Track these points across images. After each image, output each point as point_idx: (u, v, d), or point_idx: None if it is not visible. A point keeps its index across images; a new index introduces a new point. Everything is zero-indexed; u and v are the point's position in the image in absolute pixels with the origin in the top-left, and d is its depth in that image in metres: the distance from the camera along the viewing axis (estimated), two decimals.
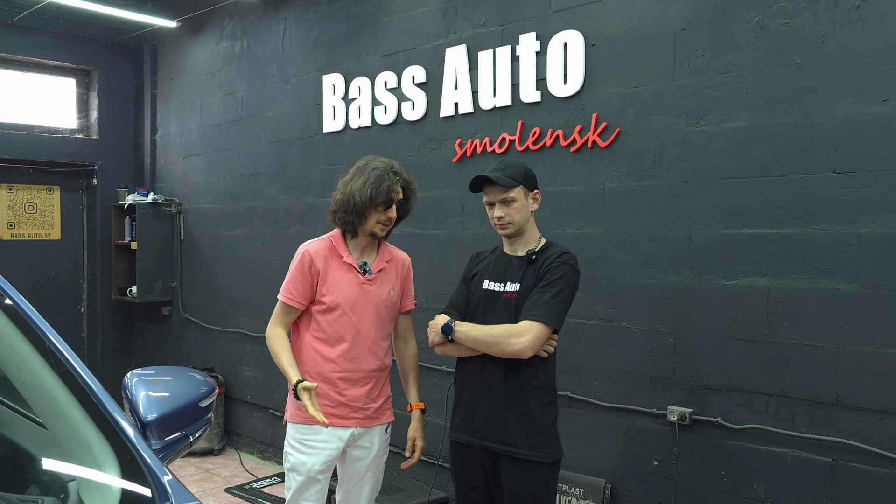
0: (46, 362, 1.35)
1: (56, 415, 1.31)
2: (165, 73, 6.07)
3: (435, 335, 2.51)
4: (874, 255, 2.49)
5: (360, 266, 2.64)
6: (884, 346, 2.47)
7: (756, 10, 2.75)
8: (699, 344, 2.92)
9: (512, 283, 2.46)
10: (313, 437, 2.59)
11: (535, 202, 2.52)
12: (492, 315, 2.46)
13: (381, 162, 2.62)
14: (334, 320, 2.60)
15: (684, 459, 2.97)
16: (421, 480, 4.00)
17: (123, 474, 1.22)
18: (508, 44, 3.52)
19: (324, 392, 2.58)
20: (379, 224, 2.61)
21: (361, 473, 2.71)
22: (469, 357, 2.49)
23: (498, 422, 2.41)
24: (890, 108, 2.45)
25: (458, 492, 2.60)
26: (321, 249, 2.64)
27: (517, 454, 2.38)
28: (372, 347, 2.64)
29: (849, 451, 2.55)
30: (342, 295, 2.60)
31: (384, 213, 2.59)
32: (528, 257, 2.46)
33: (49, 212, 6.21)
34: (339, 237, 2.68)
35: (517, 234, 2.50)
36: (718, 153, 2.85)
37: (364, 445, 2.68)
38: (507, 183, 2.42)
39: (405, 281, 2.81)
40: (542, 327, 2.32)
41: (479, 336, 2.39)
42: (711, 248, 2.88)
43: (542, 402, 2.43)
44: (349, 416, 2.61)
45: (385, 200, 2.56)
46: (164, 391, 1.54)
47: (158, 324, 6.18)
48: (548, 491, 2.43)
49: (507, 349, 2.33)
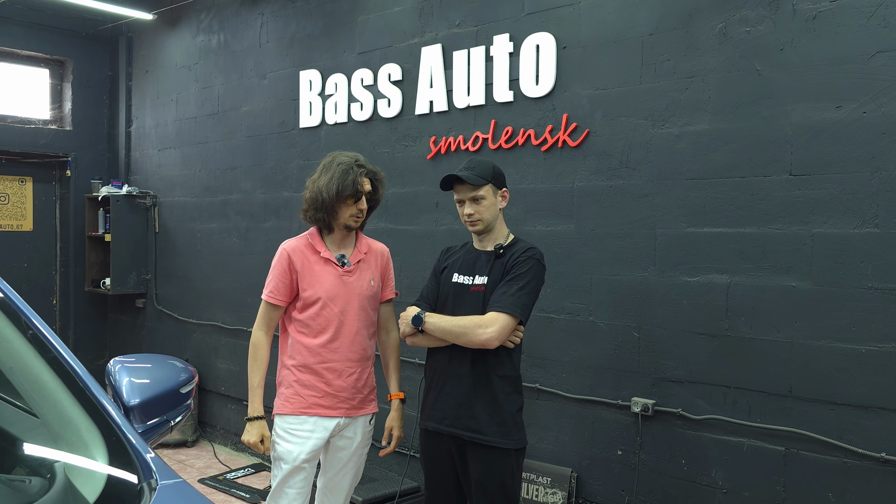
0: (34, 348, 1.40)
1: (44, 399, 1.37)
2: (141, 65, 6.06)
3: (406, 326, 2.59)
4: (826, 255, 2.62)
5: (337, 259, 2.71)
6: (834, 341, 2.60)
7: (720, 18, 2.86)
8: (662, 338, 3.03)
9: (480, 276, 2.56)
10: (300, 427, 2.66)
11: (504, 200, 2.62)
12: (461, 307, 2.55)
13: (346, 156, 2.69)
14: (317, 313, 2.67)
15: (647, 449, 3.09)
16: (393, 471, 4.08)
17: (110, 454, 1.28)
18: (483, 44, 3.60)
19: (311, 383, 2.67)
20: (352, 217, 2.69)
21: (344, 462, 2.78)
22: (438, 347, 2.58)
23: (465, 409, 2.50)
24: (843, 114, 2.58)
25: (428, 479, 2.69)
26: (299, 246, 2.72)
27: (483, 441, 2.48)
28: (356, 338, 2.72)
29: (800, 441, 2.68)
30: (322, 288, 2.67)
31: (354, 205, 2.67)
32: (496, 252, 2.56)
33: (21, 203, 6.18)
34: (316, 234, 2.76)
35: (486, 231, 2.59)
36: (682, 154, 2.96)
37: (348, 436, 2.75)
38: (476, 182, 2.51)
39: (385, 270, 2.88)
40: (508, 318, 2.41)
41: (447, 327, 2.48)
42: (675, 245, 2.99)
43: (508, 391, 2.52)
44: (336, 406, 2.69)
45: (352, 194, 2.63)
46: (146, 378, 1.60)
47: (132, 316, 6.19)
48: (512, 477, 2.52)
49: (475, 339, 2.42)
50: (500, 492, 2.49)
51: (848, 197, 2.57)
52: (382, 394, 2.89)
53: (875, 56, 2.51)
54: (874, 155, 2.51)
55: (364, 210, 2.71)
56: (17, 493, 1.22)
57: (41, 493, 1.21)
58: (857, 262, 2.55)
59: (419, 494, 3.86)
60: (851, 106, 2.56)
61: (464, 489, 2.61)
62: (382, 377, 2.94)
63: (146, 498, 1.21)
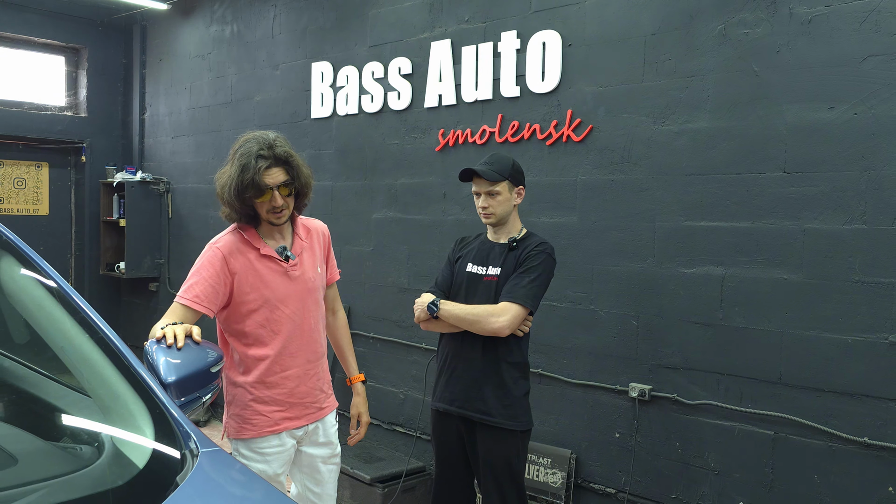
0: (84, 330, 1.55)
1: (93, 375, 1.52)
2: (155, 53, 6.18)
3: (421, 312, 2.70)
4: (817, 249, 2.75)
5: (279, 253, 2.36)
6: (822, 331, 2.74)
7: (719, 20, 2.97)
8: (659, 326, 3.17)
9: (493, 267, 2.69)
10: (266, 445, 2.38)
11: (519, 197, 2.74)
12: (473, 296, 2.69)
13: (251, 144, 2.26)
14: (266, 319, 2.34)
15: (643, 432, 3.23)
16: (400, 450, 4.24)
17: (155, 426, 1.43)
18: (491, 40, 3.72)
19: (272, 398, 2.36)
20: (271, 214, 2.29)
21: (324, 472, 2.55)
22: (451, 333, 2.71)
23: (475, 392, 2.65)
24: (835, 114, 2.69)
25: (437, 457, 2.84)
26: (233, 244, 2.32)
27: (491, 422, 2.62)
28: (312, 335, 2.46)
29: (789, 425, 2.82)
30: (269, 290, 2.33)
31: (268, 202, 2.26)
32: (510, 244, 2.69)
33: (38, 188, 6.33)
34: (249, 227, 2.36)
35: (499, 224, 2.72)
36: (681, 151, 3.08)
37: (319, 440, 2.53)
38: (492, 177, 2.63)
39: (327, 251, 2.62)
40: (519, 309, 2.55)
41: (461, 314, 2.61)
42: (673, 238, 3.12)
43: (516, 377, 2.66)
44: (303, 415, 2.45)
45: (255, 193, 2.22)
46: (179, 358, 1.75)
47: (145, 299, 6.35)
48: (518, 457, 2.67)
49: (487, 327, 2.56)
50: (505, 470, 2.64)
51: (838, 194, 2.69)
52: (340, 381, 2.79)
53: (867, 60, 2.62)
54: (864, 155, 2.63)
55: (280, 205, 2.27)
56: (73, 458, 1.37)
57: (94, 459, 1.35)
58: (845, 256, 2.68)
59: (425, 474, 4.03)
60: (843, 107, 2.67)
61: (472, 468, 2.76)
62: None
63: (189, 464, 1.36)
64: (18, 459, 1.31)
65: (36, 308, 1.64)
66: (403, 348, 4.25)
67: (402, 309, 4.21)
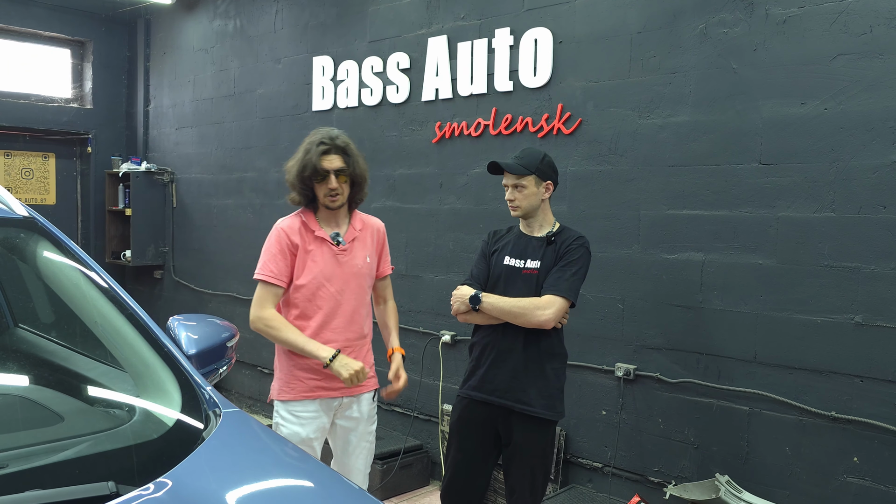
0: (115, 307, 1.73)
1: (124, 346, 1.69)
2: (159, 47, 6.33)
3: (461, 304, 2.71)
4: (790, 236, 2.93)
5: (332, 238, 2.65)
6: (794, 313, 2.92)
7: (701, 19, 3.14)
8: (643, 309, 3.36)
9: (532, 260, 2.71)
10: (302, 409, 2.63)
11: (548, 191, 2.73)
12: (511, 288, 2.69)
13: (316, 135, 2.62)
14: (312, 294, 2.61)
15: (628, 409, 3.42)
16: (398, 430, 4.43)
17: (181, 390, 1.61)
18: (485, 37, 3.89)
19: (310, 366, 2.61)
20: (327, 197, 2.60)
21: (355, 444, 2.75)
22: (490, 325, 2.72)
23: (517, 383, 2.66)
24: (807, 109, 2.87)
25: (458, 445, 2.81)
26: (294, 225, 2.65)
27: (531, 412, 2.65)
28: (353, 317, 2.68)
29: (763, 401, 3.01)
30: (318, 268, 2.61)
31: (325, 185, 2.58)
32: (548, 238, 2.72)
33: (45, 178, 6.49)
34: (309, 212, 2.69)
35: (528, 217, 2.74)
36: (665, 143, 3.26)
37: (353, 416, 2.72)
38: (517, 171, 2.67)
39: (381, 247, 2.83)
40: (563, 302, 2.61)
41: (506, 307, 2.63)
42: (656, 226, 3.30)
43: (557, 367, 2.73)
44: (336, 387, 2.63)
45: (312, 174, 2.57)
46: (199, 333, 1.93)
47: (150, 286, 6.52)
48: (550, 444, 2.77)
49: (533, 320, 2.60)
50: (539, 458, 2.72)
51: (809, 184, 2.87)
52: (381, 375, 2.89)
53: (836, 58, 2.80)
54: (833, 147, 2.81)
55: (336, 189, 2.59)
56: (111, 417, 1.55)
57: (129, 419, 1.53)
58: (815, 242, 2.86)
59: (422, 451, 4.22)
60: (814, 103, 2.85)
61: (501, 457, 2.79)
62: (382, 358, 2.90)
63: (213, 422, 1.54)
64: (64, 418, 1.49)
65: (72, 288, 1.81)
66: (402, 332, 4.42)
67: (401, 293, 4.38)
